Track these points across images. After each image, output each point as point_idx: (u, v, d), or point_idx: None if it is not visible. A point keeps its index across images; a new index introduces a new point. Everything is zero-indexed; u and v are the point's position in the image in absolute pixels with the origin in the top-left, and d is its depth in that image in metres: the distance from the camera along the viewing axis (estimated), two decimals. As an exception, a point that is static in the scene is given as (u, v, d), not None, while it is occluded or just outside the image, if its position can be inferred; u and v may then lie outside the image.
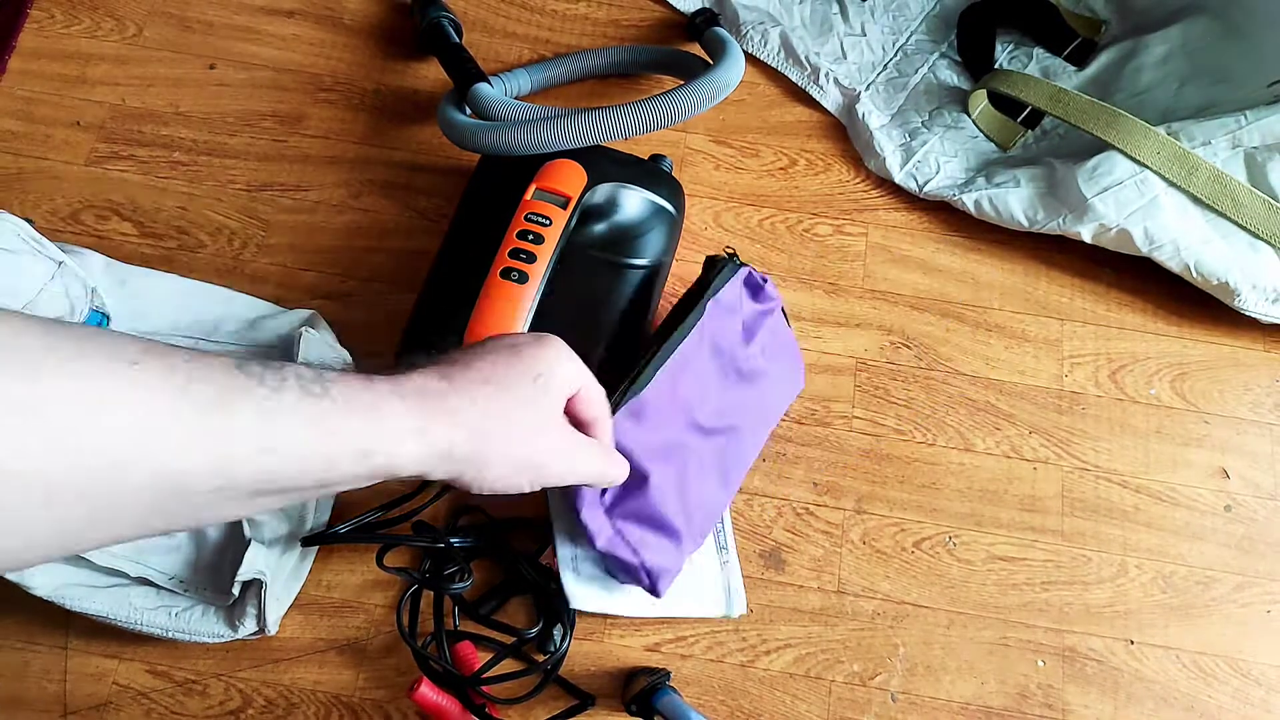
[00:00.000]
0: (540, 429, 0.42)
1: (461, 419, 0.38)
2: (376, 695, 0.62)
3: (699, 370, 0.59)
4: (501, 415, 0.39)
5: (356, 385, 0.35)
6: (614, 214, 0.64)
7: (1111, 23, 0.85)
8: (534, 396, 0.41)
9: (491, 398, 0.39)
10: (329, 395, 0.34)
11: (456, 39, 0.78)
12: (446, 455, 0.37)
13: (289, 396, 0.32)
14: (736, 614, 0.63)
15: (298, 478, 0.33)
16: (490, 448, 0.39)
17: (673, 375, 0.57)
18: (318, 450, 0.33)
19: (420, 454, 0.36)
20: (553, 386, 0.42)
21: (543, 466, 0.42)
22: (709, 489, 0.61)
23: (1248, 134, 0.68)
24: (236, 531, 0.61)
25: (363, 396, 0.35)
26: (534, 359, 0.42)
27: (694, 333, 0.58)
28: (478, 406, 0.39)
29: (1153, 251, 0.70)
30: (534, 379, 0.41)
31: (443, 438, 0.37)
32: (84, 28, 0.82)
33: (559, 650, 0.61)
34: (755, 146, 0.80)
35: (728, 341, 0.61)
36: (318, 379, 0.34)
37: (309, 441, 0.33)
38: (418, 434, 0.36)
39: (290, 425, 0.32)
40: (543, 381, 0.41)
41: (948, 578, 0.67)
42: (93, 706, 0.61)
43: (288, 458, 0.32)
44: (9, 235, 0.57)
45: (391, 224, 0.75)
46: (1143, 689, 0.64)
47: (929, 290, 0.75)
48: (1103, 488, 0.70)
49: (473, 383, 0.39)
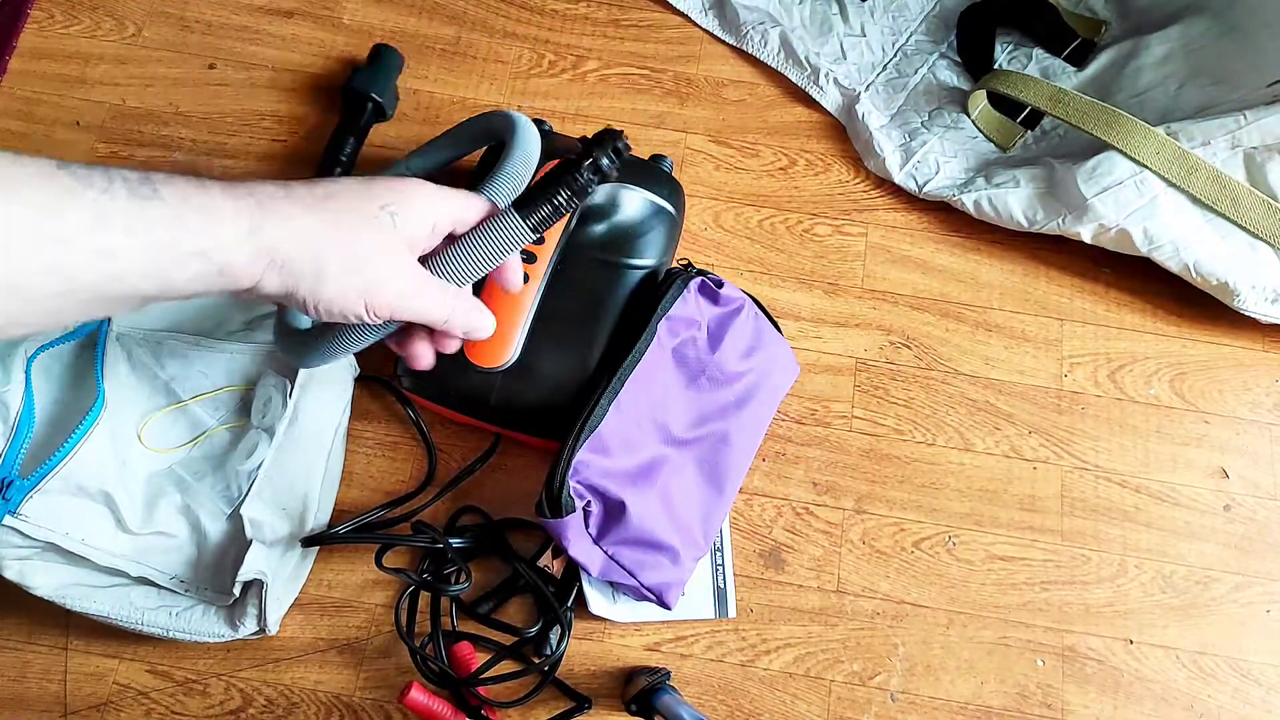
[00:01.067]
0: (382, 250, 0.39)
1: (296, 225, 0.37)
2: (376, 695, 0.62)
3: (664, 386, 0.60)
4: (339, 228, 0.38)
5: (188, 186, 0.35)
6: (614, 214, 0.64)
7: (1111, 23, 0.85)
8: (379, 222, 0.39)
9: (331, 210, 0.38)
10: (158, 196, 0.33)
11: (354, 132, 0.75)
12: (280, 265, 0.36)
13: (119, 199, 0.32)
14: (728, 618, 0.63)
15: (139, 282, 0.33)
16: (325, 258, 0.37)
17: (634, 398, 0.58)
18: (154, 253, 0.33)
19: (252, 257, 0.36)
20: (402, 216, 0.40)
21: (379, 287, 0.39)
22: (700, 497, 0.61)
23: (1247, 134, 0.68)
24: (238, 532, 0.61)
25: (194, 197, 0.34)
26: (386, 190, 0.40)
27: (652, 351, 0.59)
28: (313, 215, 0.37)
29: (1152, 251, 0.70)
30: (380, 206, 0.39)
31: (274, 241, 0.36)
32: (84, 28, 0.82)
33: (556, 652, 0.61)
34: (755, 146, 0.80)
35: (693, 351, 0.62)
36: (145, 180, 0.33)
37: (145, 244, 0.33)
38: (250, 235, 0.35)
39: (124, 226, 0.32)
40: (390, 210, 0.40)
41: (947, 577, 0.67)
42: (93, 706, 0.62)
43: (126, 261, 0.32)
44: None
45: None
46: (1142, 688, 0.64)
47: (929, 290, 0.75)
48: (1102, 487, 0.70)
49: (314, 196, 0.38)
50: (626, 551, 0.58)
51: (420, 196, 0.41)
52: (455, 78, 0.81)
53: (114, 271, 0.32)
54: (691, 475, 0.61)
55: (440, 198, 0.42)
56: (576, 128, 0.80)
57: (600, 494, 0.57)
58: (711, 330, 0.63)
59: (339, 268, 0.38)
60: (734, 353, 0.63)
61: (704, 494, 0.62)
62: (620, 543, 0.58)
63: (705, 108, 0.81)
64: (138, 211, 0.33)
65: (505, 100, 0.81)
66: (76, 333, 0.62)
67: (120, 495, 0.59)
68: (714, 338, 0.63)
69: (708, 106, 0.81)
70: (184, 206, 0.34)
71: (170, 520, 0.62)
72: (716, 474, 0.62)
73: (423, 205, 0.41)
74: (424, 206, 0.41)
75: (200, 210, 0.34)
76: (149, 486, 0.63)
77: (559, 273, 0.61)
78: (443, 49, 0.83)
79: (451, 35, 0.83)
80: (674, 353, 0.61)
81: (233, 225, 0.35)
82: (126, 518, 0.60)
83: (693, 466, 0.61)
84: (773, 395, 0.67)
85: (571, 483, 0.56)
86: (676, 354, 0.61)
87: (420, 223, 0.41)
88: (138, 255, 0.33)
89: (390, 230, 0.39)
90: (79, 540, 0.57)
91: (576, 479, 0.56)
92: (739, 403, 0.63)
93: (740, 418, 0.63)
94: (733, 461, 0.63)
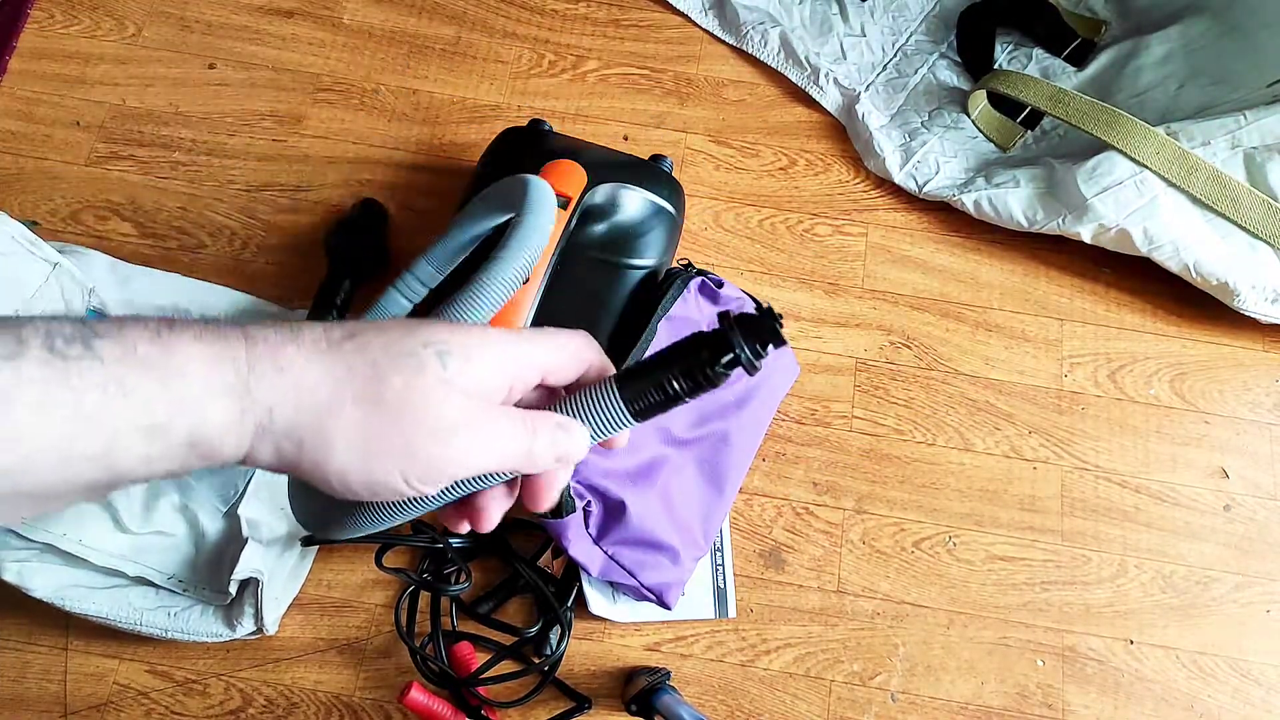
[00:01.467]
0: (422, 397, 0.27)
1: (297, 378, 0.26)
2: (376, 695, 0.62)
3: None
4: (355, 374, 0.27)
5: (141, 334, 0.25)
6: (614, 214, 0.64)
7: (1111, 23, 0.85)
8: (418, 361, 0.28)
9: (349, 353, 0.27)
10: (93, 353, 0.24)
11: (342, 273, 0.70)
12: (277, 433, 0.26)
13: (27, 364, 0.23)
14: (728, 618, 0.63)
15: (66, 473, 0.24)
16: (333, 418, 0.27)
17: None
18: (78, 433, 0.24)
19: (235, 422, 0.26)
20: (458, 359, 0.28)
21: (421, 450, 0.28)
22: (701, 497, 0.61)
23: (1247, 134, 0.68)
24: (235, 531, 0.61)
25: (147, 348, 0.25)
26: (438, 328, 0.29)
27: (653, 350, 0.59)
28: (322, 362, 0.27)
29: (1152, 251, 0.70)
30: (424, 344, 0.28)
31: (268, 400, 0.26)
32: (84, 28, 0.82)
33: (556, 652, 0.61)
34: (755, 146, 0.80)
35: None
36: (80, 333, 0.24)
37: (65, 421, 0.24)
38: (231, 393, 0.26)
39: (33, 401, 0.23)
40: (438, 349, 0.28)
41: (948, 578, 0.67)
42: (93, 706, 0.61)
43: (33, 447, 0.24)
44: (2, 238, 0.57)
45: (391, 224, 0.75)
46: (1143, 689, 0.64)
47: (929, 290, 0.75)
48: (1102, 487, 0.70)
49: (329, 338, 0.27)
50: (626, 551, 0.58)
51: (491, 342, 0.29)
52: (455, 78, 0.81)
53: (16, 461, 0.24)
54: (691, 475, 0.61)
55: (522, 344, 0.30)
56: (576, 128, 0.80)
57: (600, 494, 0.57)
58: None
59: (353, 430, 0.27)
60: None
61: (704, 494, 0.62)
62: (620, 543, 0.58)
63: (705, 108, 0.81)
64: (56, 378, 0.24)
65: (505, 100, 0.81)
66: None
67: (119, 494, 0.59)
68: None
69: (708, 106, 0.81)
70: (127, 364, 0.25)
71: (169, 519, 0.62)
72: (716, 474, 0.62)
73: (493, 353, 0.29)
74: (494, 355, 0.29)
75: (152, 365, 0.25)
76: (148, 486, 0.63)
77: (559, 273, 0.61)
78: (443, 49, 0.83)
79: (451, 35, 0.83)
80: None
81: (205, 382, 0.25)
82: (125, 517, 0.60)
83: (693, 466, 0.61)
84: (773, 395, 0.67)
85: (572, 482, 0.56)
86: None
87: (487, 374, 0.29)
88: (48, 439, 0.24)
89: (435, 373, 0.28)
90: (76, 541, 0.57)
91: (577, 479, 0.56)
92: (739, 403, 0.63)
93: (740, 418, 0.63)
94: (733, 461, 0.63)
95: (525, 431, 0.30)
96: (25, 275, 0.58)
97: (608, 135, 0.80)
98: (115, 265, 0.69)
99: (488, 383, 0.29)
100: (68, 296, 0.60)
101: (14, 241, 0.58)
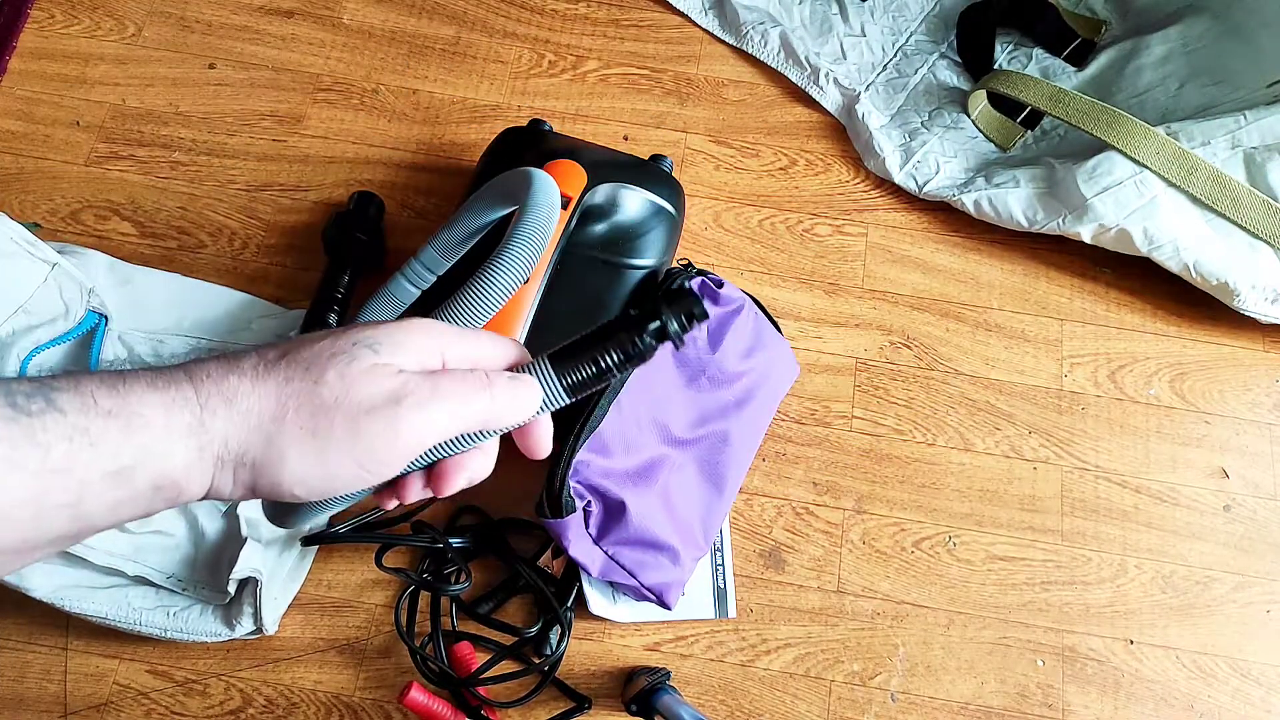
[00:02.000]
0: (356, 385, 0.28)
1: (243, 405, 0.28)
2: (376, 695, 0.62)
3: (664, 386, 0.60)
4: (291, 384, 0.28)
5: (98, 388, 0.26)
6: (614, 214, 0.64)
7: (1111, 23, 0.85)
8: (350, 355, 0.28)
9: (284, 368, 0.28)
10: (54, 407, 0.25)
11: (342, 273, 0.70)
12: (234, 461, 0.28)
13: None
14: (728, 618, 0.63)
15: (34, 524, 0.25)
16: (284, 433, 0.28)
17: (635, 398, 0.58)
18: (48, 485, 0.25)
19: (196, 459, 0.27)
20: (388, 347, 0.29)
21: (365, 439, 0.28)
22: (701, 497, 0.61)
23: (1247, 134, 0.69)
24: (234, 529, 0.61)
25: (105, 399, 0.26)
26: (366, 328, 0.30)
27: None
28: (263, 384, 0.28)
29: (1152, 251, 0.70)
30: (354, 342, 0.29)
31: (222, 432, 0.27)
32: (84, 28, 0.82)
33: (556, 652, 0.61)
34: (755, 146, 0.80)
35: (693, 352, 0.62)
36: (39, 389, 0.26)
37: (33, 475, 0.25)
38: (190, 432, 0.27)
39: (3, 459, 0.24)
40: (369, 343, 0.29)
41: (947, 578, 0.67)
42: (93, 706, 0.61)
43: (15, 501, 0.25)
44: (1, 239, 0.57)
45: (391, 224, 0.75)
46: (1143, 689, 0.64)
47: (929, 290, 0.75)
48: (1102, 488, 0.70)
49: (265, 360, 0.29)
50: (626, 551, 0.58)
51: (419, 332, 0.30)
52: (455, 78, 0.81)
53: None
54: (692, 475, 0.61)
55: (451, 335, 0.31)
56: (577, 128, 0.80)
57: (600, 494, 0.57)
58: (712, 330, 0.63)
59: (299, 434, 0.28)
60: (734, 353, 0.63)
61: (704, 494, 0.62)
62: (620, 543, 0.58)
63: (705, 108, 0.81)
64: (21, 434, 0.25)
65: (505, 100, 0.81)
66: (72, 332, 0.62)
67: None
68: (714, 338, 0.63)
69: (708, 106, 0.81)
70: (89, 415, 0.26)
71: (168, 519, 0.62)
72: (716, 474, 0.62)
73: (421, 342, 0.30)
74: (423, 344, 0.30)
75: (115, 414, 0.26)
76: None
77: (559, 273, 0.61)
78: (443, 49, 0.83)
79: (451, 35, 0.83)
80: (673, 354, 0.61)
81: (165, 425, 0.27)
82: (126, 517, 0.59)
83: (693, 466, 0.61)
84: (773, 395, 0.67)
85: (572, 483, 0.56)
86: (677, 354, 0.61)
87: (420, 352, 0.30)
88: (20, 492, 0.25)
89: (368, 359, 0.29)
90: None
91: (577, 479, 0.56)
92: (739, 403, 0.63)
93: (740, 418, 0.63)
94: (733, 461, 0.63)
95: (480, 385, 0.30)
96: (24, 276, 0.58)
97: (608, 135, 0.80)
98: (115, 265, 0.69)
99: (424, 358, 0.30)
100: (67, 297, 0.60)
101: (12, 243, 0.58)
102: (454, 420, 0.29)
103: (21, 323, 0.58)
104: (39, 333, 0.59)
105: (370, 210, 0.73)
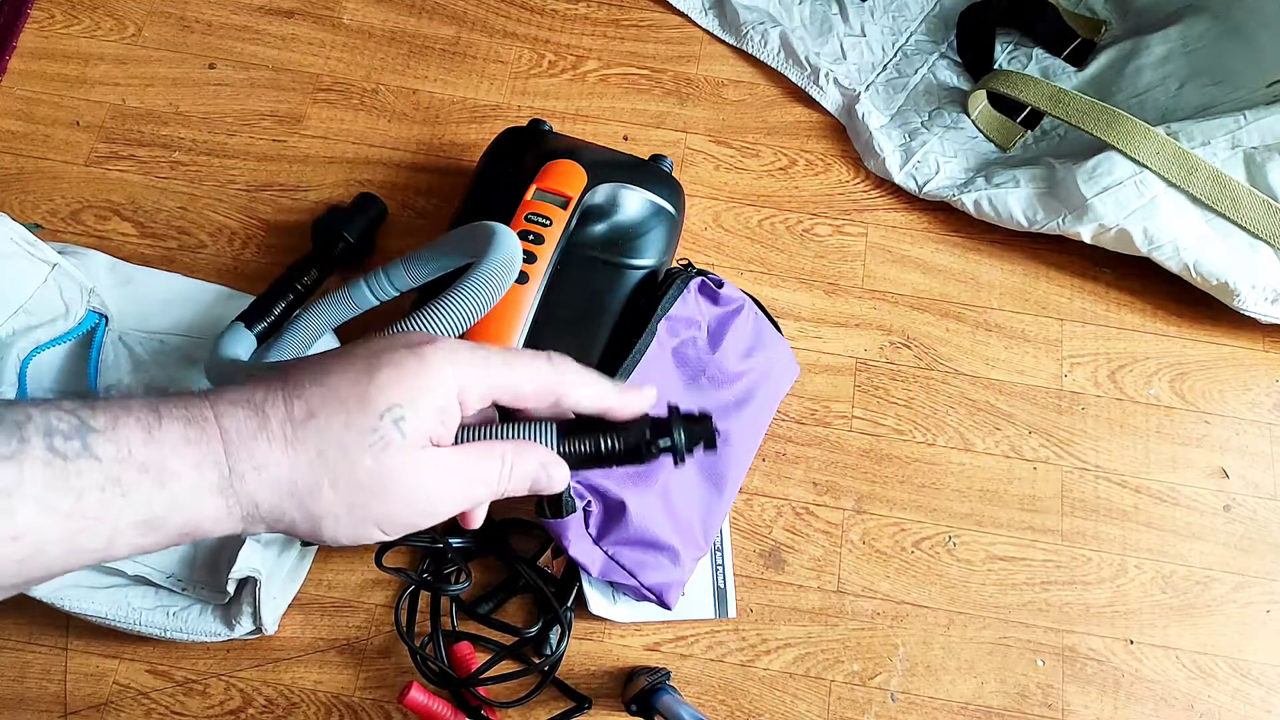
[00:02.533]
0: (391, 474, 0.31)
1: (275, 475, 0.29)
2: (376, 695, 0.62)
3: (664, 386, 0.60)
4: (326, 463, 0.30)
5: (134, 434, 0.27)
6: (614, 214, 0.64)
7: (1111, 23, 0.85)
8: (382, 438, 0.30)
9: (315, 440, 0.30)
10: (90, 453, 0.26)
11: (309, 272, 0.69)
12: (265, 518, 0.30)
13: (31, 463, 0.25)
14: (728, 618, 0.63)
15: (66, 560, 0.27)
16: (318, 504, 0.30)
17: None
18: (86, 528, 0.26)
19: (225, 511, 0.29)
20: (414, 412, 0.31)
21: (395, 513, 0.31)
22: (701, 496, 0.61)
23: (1247, 134, 0.69)
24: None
25: (141, 451, 0.27)
26: (391, 384, 0.30)
27: (652, 351, 0.59)
28: (295, 454, 0.30)
29: (1152, 251, 0.70)
30: (381, 415, 0.30)
31: (253, 494, 0.29)
32: (84, 28, 0.82)
33: (556, 652, 0.61)
34: (755, 146, 0.80)
35: (692, 351, 0.62)
36: (78, 431, 0.26)
37: (68, 519, 0.26)
38: (219, 490, 0.29)
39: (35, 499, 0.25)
40: (395, 415, 0.30)
41: (947, 578, 0.67)
42: (93, 706, 0.61)
43: (38, 542, 0.26)
44: (1, 239, 0.57)
45: (391, 224, 0.75)
46: (1143, 689, 0.64)
47: (929, 290, 0.75)
48: (1102, 487, 0.70)
49: (293, 420, 0.30)
50: (626, 551, 0.58)
51: (437, 370, 0.31)
52: (455, 78, 0.81)
53: (24, 556, 0.26)
54: (691, 475, 0.61)
55: (473, 365, 0.32)
56: (576, 128, 0.80)
57: (600, 494, 0.57)
58: (711, 330, 0.63)
59: (336, 507, 0.30)
60: (734, 353, 0.63)
61: (704, 494, 0.62)
62: (620, 543, 0.58)
63: (705, 108, 0.81)
64: (56, 481, 0.26)
65: (505, 100, 0.81)
66: (72, 332, 0.62)
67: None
68: (714, 338, 0.63)
69: (708, 106, 0.81)
70: (124, 465, 0.27)
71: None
72: (716, 474, 0.62)
73: (438, 384, 0.31)
74: (440, 385, 0.31)
75: (148, 468, 0.27)
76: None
77: (559, 273, 0.61)
78: (443, 49, 0.83)
79: (451, 35, 0.83)
80: (674, 353, 0.61)
81: (195, 483, 0.28)
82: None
83: (693, 466, 0.61)
84: (773, 395, 0.67)
85: (572, 482, 0.56)
86: (676, 354, 0.61)
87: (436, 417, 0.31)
88: (53, 532, 0.26)
89: (398, 444, 0.30)
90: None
91: (577, 479, 0.56)
92: (739, 403, 0.63)
93: (740, 418, 0.63)
94: (733, 461, 0.63)
95: (498, 466, 0.33)
96: (24, 276, 0.58)
97: (608, 135, 0.80)
98: (115, 265, 0.69)
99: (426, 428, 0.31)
100: (67, 297, 0.60)
101: (12, 243, 0.58)
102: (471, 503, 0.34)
103: (21, 323, 0.58)
104: (39, 333, 0.59)
105: (368, 213, 0.72)
